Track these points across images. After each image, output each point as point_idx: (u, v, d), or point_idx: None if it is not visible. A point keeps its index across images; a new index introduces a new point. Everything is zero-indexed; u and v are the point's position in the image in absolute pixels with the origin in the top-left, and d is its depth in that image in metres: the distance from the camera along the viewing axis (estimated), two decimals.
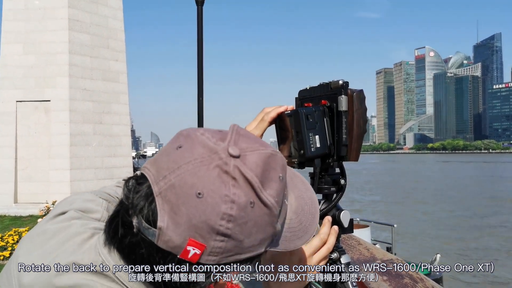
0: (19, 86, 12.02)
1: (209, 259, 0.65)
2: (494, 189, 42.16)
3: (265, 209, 0.65)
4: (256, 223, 0.65)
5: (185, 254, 0.64)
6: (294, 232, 0.75)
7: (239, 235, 0.64)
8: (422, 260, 13.28)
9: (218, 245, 0.64)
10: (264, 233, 0.67)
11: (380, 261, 2.19)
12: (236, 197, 0.63)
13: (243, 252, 0.66)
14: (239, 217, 0.63)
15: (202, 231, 0.62)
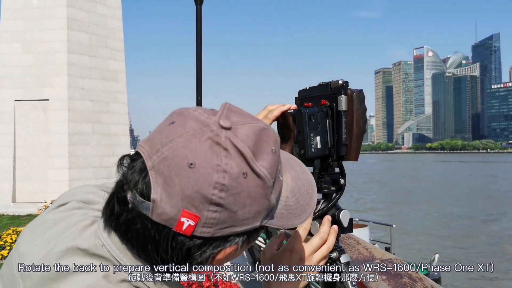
0: (17, 85, 12.01)
1: (203, 231, 0.65)
2: (492, 189, 42.21)
3: (258, 180, 0.65)
4: (249, 194, 0.65)
5: (179, 226, 0.64)
6: (291, 211, 0.75)
7: (232, 206, 0.64)
8: (420, 260, 13.31)
9: (212, 216, 0.64)
10: (258, 205, 0.67)
11: (379, 260, 2.19)
12: (228, 167, 0.63)
13: (238, 224, 0.66)
14: (232, 187, 0.63)
15: (195, 202, 0.63)
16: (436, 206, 29.78)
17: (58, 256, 0.70)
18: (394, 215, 24.98)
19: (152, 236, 0.66)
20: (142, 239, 0.67)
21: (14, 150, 11.95)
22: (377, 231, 14.89)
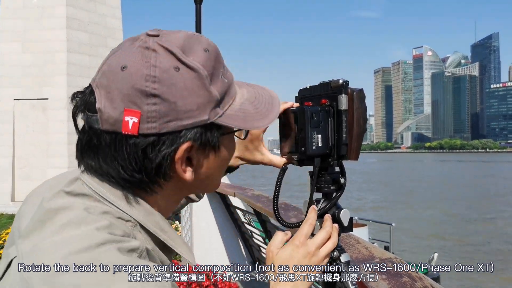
0: (17, 84, 12.00)
1: (149, 126, 0.68)
2: (491, 189, 42.25)
3: (191, 72, 0.69)
4: (185, 86, 0.68)
5: (125, 126, 0.67)
6: (249, 115, 0.78)
7: (169, 96, 0.67)
8: (419, 259, 13.32)
9: (152, 109, 0.67)
10: (198, 96, 0.69)
11: (379, 260, 2.19)
12: (158, 62, 0.68)
13: (182, 116, 0.69)
14: (164, 78, 0.67)
15: (132, 98, 0.67)
16: (435, 206, 29.81)
17: (47, 201, 0.73)
18: (394, 214, 25.00)
19: (108, 146, 0.70)
20: (102, 155, 0.71)
21: (14, 150, 11.95)
22: (376, 230, 14.90)
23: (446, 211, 27.67)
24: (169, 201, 0.81)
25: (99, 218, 0.69)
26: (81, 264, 0.62)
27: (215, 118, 0.73)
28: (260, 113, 0.80)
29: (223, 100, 0.74)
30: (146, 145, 0.69)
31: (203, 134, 0.72)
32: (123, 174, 0.71)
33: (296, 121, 1.03)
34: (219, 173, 0.84)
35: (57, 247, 0.65)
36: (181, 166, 0.73)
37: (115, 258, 0.63)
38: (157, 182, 0.74)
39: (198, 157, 0.75)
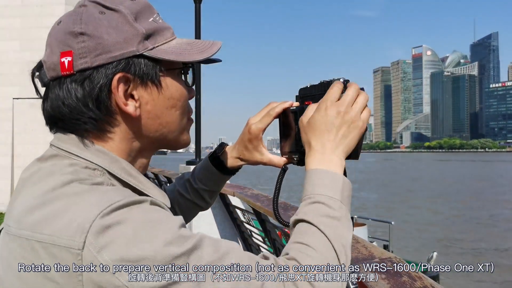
0: (15, 83, 11.99)
1: (82, 62, 0.74)
2: (491, 188, 42.30)
3: (115, 13, 0.76)
4: (110, 24, 0.75)
5: (63, 67, 0.75)
6: (185, 50, 0.83)
7: (95, 33, 0.75)
8: (419, 257, 13.32)
9: (81, 46, 0.74)
10: (123, 31, 0.76)
11: (378, 259, 2.18)
12: (84, 10, 0.77)
13: (111, 49, 0.75)
14: (90, 20, 0.75)
15: (65, 41, 0.75)
16: (434, 205, 29.83)
17: (22, 173, 0.81)
18: (393, 213, 25.01)
19: (56, 94, 0.77)
20: (56, 104, 0.77)
21: (12, 148, 11.94)
22: (375, 229, 14.91)
23: (445, 209, 27.70)
24: (132, 147, 0.83)
25: (65, 169, 0.74)
26: (49, 200, 0.67)
27: (144, 50, 0.78)
28: (198, 49, 0.84)
29: (152, 37, 0.80)
30: (83, 80, 0.75)
31: (134, 64, 0.77)
32: (74, 116, 0.77)
33: (296, 120, 1.02)
34: (172, 116, 0.85)
35: (27, 198, 0.71)
36: (121, 99, 0.77)
37: (79, 189, 0.68)
38: (106, 120, 0.78)
39: (140, 92, 0.79)
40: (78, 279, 0.62)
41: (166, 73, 0.82)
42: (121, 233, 0.63)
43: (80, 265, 0.62)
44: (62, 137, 0.80)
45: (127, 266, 0.61)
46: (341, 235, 0.79)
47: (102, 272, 0.61)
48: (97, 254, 0.61)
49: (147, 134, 0.83)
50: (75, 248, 0.62)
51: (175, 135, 0.88)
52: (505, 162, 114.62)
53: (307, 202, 0.82)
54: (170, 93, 0.83)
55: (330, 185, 0.84)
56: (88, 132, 0.78)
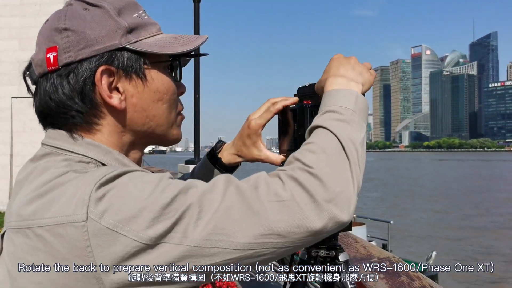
0: (14, 82, 11.95)
1: (66, 56, 0.76)
2: (489, 188, 42.33)
3: (98, 9, 0.79)
4: (93, 19, 0.78)
5: (48, 62, 0.77)
6: (168, 43, 0.83)
7: (78, 28, 0.77)
8: (418, 257, 13.33)
9: (65, 41, 0.76)
10: (105, 26, 0.78)
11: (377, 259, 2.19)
12: (69, 8, 0.80)
13: (93, 43, 0.77)
14: (74, 16, 0.78)
15: (50, 37, 0.78)
16: (434, 204, 29.84)
17: (17, 175, 0.83)
18: (392, 212, 25.03)
19: (45, 89, 0.79)
20: (44, 100, 0.79)
21: (11, 147, 11.92)
22: (374, 228, 14.91)
23: (444, 209, 27.70)
24: (123, 141, 0.84)
25: (59, 164, 0.75)
26: (45, 190, 0.68)
27: (127, 44, 0.79)
28: (182, 42, 0.85)
29: (136, 31, 0.81)
30: (68, 74, 0.77)
31: (117, 57, 0.78)
32: (60, 110, 0.78)
33: (295, 118, 1.02)
34: (159, 109, 0.85)
35: (24, 195, 0.72)
36: (105, 91, 0.78)
37: (74, 176, 0.70)
38: (92, 113, 0.79)
39: (124, 85, 0.80)
40: (88, 250, 0.63)
41: (151, 66, 0.83)
42: (117, 196, 0.64)
43: (86, 237, 0.63)
44: (52, 135, 0.82)
45: (131, 221, 0.63)
46: (349, 133, 0.77)
47: (109, 234, 0.62)
48: (100, 220, 0.62)
49: (135, 127, 0.84)
50: (79, 221, 0.63)
51: (163, 129, 0.88)
52: (505, 162, 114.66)
53: (319, 115, 0.83)
54: (156, 86, 0.84)
55: (343, 98, 0.83)
56: (77, 126, 0.80)
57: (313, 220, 0.67)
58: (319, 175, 0.70)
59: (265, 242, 0.65)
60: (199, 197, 0.66)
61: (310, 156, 0.73)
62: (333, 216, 0.68)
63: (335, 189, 0.69)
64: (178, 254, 0.63)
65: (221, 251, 0.65)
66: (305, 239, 0.68)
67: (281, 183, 0.69)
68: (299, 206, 0.67)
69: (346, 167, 0.73)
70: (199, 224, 0.64)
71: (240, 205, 0.66)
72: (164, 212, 0.63)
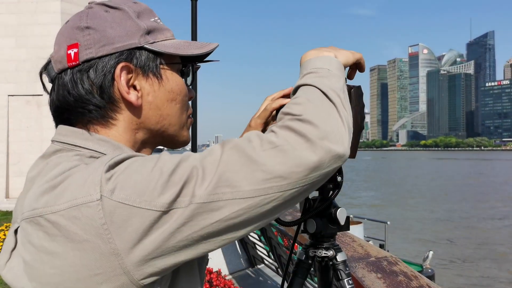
0: (11, 80, 11.93)
1: (87, 52, 0.79)
2: (488, 187, 42.47)
3: (118, 11, 0.82)
4: (113, 19, 0.81)
5: (69, 58, 0.80)
6: (183, 46, 0.87)
7: (100, 26, 0.80)
8: (415, 257, 13.37)
9: (87, 38, 0.80)
10: (125, 26, 0.81)
11: (374, 258, 2.18)
12: (90, 10, 0.83)
13: (114, 41, 0.80)
14: (96, 16, 0.81)
15: (72, 35, 0.81)
16: (431, 204, 29.93)
17: (28, 172, 0.83)
18: (389, 212, 25.09)
19: (63, 85, 0.81)
20: (62, 95, 0.81)
21: (8, 146, 11.89)
22: (371, 228, 14.95)
23: (441, 208, 27.78)
24: (136, 139, 0.86)
25: (71, 158, 0.77)
26: (58, 182, 0.70)
27: (145, 43, 0.83)
28: (196, 46, 0.89)
29: (153, 33, 0.85)
30: (88, 69, 0.80)
31: (135, 56, 0.82)
32: (79, 105, 0.81)
33: None
34: (172, 109, 0.88)
35: (37, 188, 0.73)
36: (124, 87, 0.80)
37: (84, 167, 0.71)
38: (109, 107, 0.82)
39: (141, 83, 0.83)
40: (104, 228, 0.64)
41: (166, 67, 0.87)
42: (125, 173, 0.67)
43: (101, 215, 0.64)
44: (63, 132, 0.84)
45: (141, 193, 0.65)
46: (329, 83, 0.81)
47: (123, 209, 0.64)
48: (112, 196, 0.64)
49: (149, 125, 0.86)
50: (94, 200, 0.65)
51: (175, 129, 0.90)
52: (502, 161, 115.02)
53: (298, 80, 0.86)
54: (171, 86, 0.87)
55: (318, 62, 0.87)
56: (93, 121, 0.82)
57: (309, 156, 0.69)
58: (309, 119, 0.72)
59: (269, 186, 0.67)
60: (201, 160, 0.69)
61: (297, 107, 0.75)
62: (329, 150, 0.70)
63: (326, 128, 0.72)
64: (189, 213, 0.65)
65: (228, 203, 0.66)
66: (309, 178, 0.70)
67: (273, 134, 0.72)
68: (294, 147, 0.69)
69: (333, 110, 0.76)
70: (204, 183, 0.66)
71: (238, 157, 0.68)
72: (171, 178, 0.66)
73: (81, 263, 0.65)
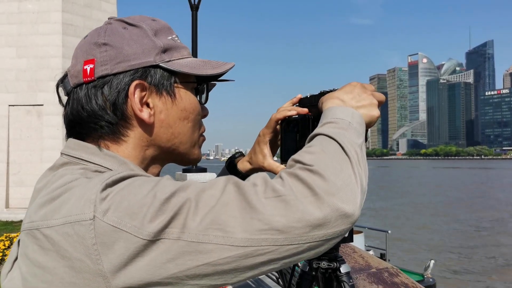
0: (11, 90, 11.95)
1: (103, 68, 0.80)
2: (489, 196, 42.38)
3: (136, 28, 0.84)
4: (131, 37, 0.82)
5: (85, 74, 0.81)
6: (199, 65, 0.88)
7: (117, 44, 0.81)
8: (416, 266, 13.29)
9: (103, 55, 0.81)
10: (142, 43, 0.82)
11: (375, 269, 2.17)
12: (109, 26, 0.84)
13: (130, 58, 0.81)
14: (113, 32, 0.82)
15: (89, 50, 0.82)
16: (432, 213, 29.84)
17: (36, 184, 0.83)
18: (390, 221, 25.01)
19: (77, 99, 0.82)
20: (75, 109, 0.82)
21: (8, 155, 11.88)
22: (372, 237, 14.89)
23: (442, 218, 27.70)
24: (145, 155, 0.86)
25: (76, 171, 0.77)
26: (57, 194, 0.70)
27: (161, 62, 0.83)
28: (211, 66, 0.89)
29: (169, 51, 0.86)
30: (103, 85, 0.80)
31: (150, 74, 0.83)
32: (91, 120, 0.81)
33: (298, 128, 1.03)
34: (184, 127, 0.88)
35: (39, 200, 0.73)
36: (137, 105, 0.81)
37: (85, 181, 0.71)
38: (121, 124, 0.82)
39: (155, 101, 0.84)
40: (94, 248, 0.63)
41: (181, 86, 0.87)
42: (120, 195, 0.66)
43: (93, 235, 0.63)
44: (72, 145, 0.84)
45: (131, 217, 0.64)
46: (348, 137, 0.77)
47: (112, 232, 0.63)
48: (104, 217, 0.64)
49: (160, 143, 0.87)
50: (87, 219, 0.64)
51: (186, 147, 0.91)
52: (506, 170, 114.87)
53: (318, 127, 0.83)
54: (184, 105, 0.87)
55: (340, 113, 0.84)
56: (104, 136, 0.83)
57: (313, 211, 0.64)
58: (320, 171, 0.68)
59: (263, 238, 0.63)
60: (198, 193, 0.67)
61: (309, 156, 0.72)
62: (336, 208, 0.65)
63: (336, 183, 0.67)
64: (177, 249, 0.63)
65: (218, 248, 0.63)
66: (311, 236, 0.64)
67: (280, 181, 0.68)
68: (298, 199, 0.65)
69: (347, 165, 0.71)
70: (196, 218, 0.63)
71: (238, 200, 0.65)
72: (163, 207, 0.64)
73: (70, 280, 0.65)
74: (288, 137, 1.07)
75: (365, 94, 0.89)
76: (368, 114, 0.88)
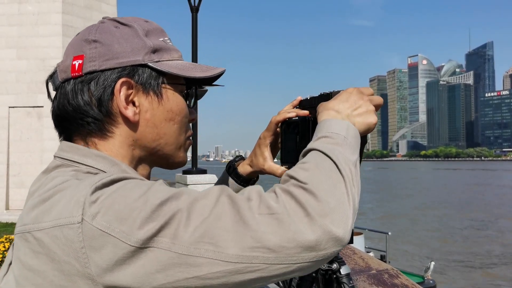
0: (11, 91, 11.95)
1: (91, 65, 0.81)
2: (490, 197, 42.35)
3: (128, 28, 0.85)
4: (121, 35, 0.83)
5: (73, 69, 0.82)
6: (188, 68, 0.88)
7: (107, 41, 0.82)
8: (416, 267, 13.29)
9: (93, 51, 0.82)
10: (132, 42, 0.83)
11: (375, 271, 2.18)
12: (101, 24, 0.86)
13: (118, 56, 0.82)
14: (105, 30, 0.84)
15: (79, 47, 0.83)
16: (432, 214, 29.83)
17: (30, 187, 0.83)
18: (390, 222, 24.99)
19: (64, 94, 0.82)
20: (62, 104, 0.82)
21: (8, 157, 11.87)
22: (372, 239, 14.88)
23: (443, 219, 27.68)
24: (133, 155, 0.86)
25: (67, 173, 0.77)
26: (48, 196, 0.70)
27: (149, 62, 0.84)
28: (201, 69, 0.90)
29: (159, 52, 0.86)
30: (89, 81, 0.81)
31: (138, 72, 0.83)
32: (77, 115, 0.82)
33: (298, 130, 1.03)
34: (169, 129, 0.88)
35: (31, 202, 0.73)
36: (122, 102, 0.81)
37: (76, 182, 0.71)
38: (106, 121, 0.82)
39: (141, 99, 0.84)
40: (82, 252, 0.63)
41: (169, 87, 0.87)
42: (110, 199, 0.65)
43: (81, 238, 0.63)
44: (64, 148, 0.84)
45: (120, 222, 0.63)
46: (342, 154, 0.77)
47: (100, 236, 0.63)
48: (93, 221, 0.63)
49: (145, 143, 0.87)
50: (75, 223, 0.64)
51: (171, 149, 0.90)
52: (507, 171, 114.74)
53: (312, 141, 0.83)
54: (170, 106, 0.87)
55: (335, 126, 0.83)
56: (92, 133, 0.83)
57: (305, 233, 0.64)
58: (313, 190, 0.68)
59: (254, 256, 0.63)
60: (191, 203, 0.66)
61: (303, 173, 0.72)
62: (328, 231, 0.65)
63: (329, 204, 0.67)
64: (166, 260, 0.62)
65: (209, 262, 0.63)
66: (301, 257, 0.65)
67: (274, 197, 0.68)
68: (291, 219, 0.65)
69: (340, 184, 0.72)
70: (188, 229, 0.63)
71: (231, 214, 0.65)
72: (153, 214, 0.63)
73: (59, 283, 0.65)
74: (288, 139, 1.07)
75: (361, 101, 0.89)
76: (365, 122, 0.87)
